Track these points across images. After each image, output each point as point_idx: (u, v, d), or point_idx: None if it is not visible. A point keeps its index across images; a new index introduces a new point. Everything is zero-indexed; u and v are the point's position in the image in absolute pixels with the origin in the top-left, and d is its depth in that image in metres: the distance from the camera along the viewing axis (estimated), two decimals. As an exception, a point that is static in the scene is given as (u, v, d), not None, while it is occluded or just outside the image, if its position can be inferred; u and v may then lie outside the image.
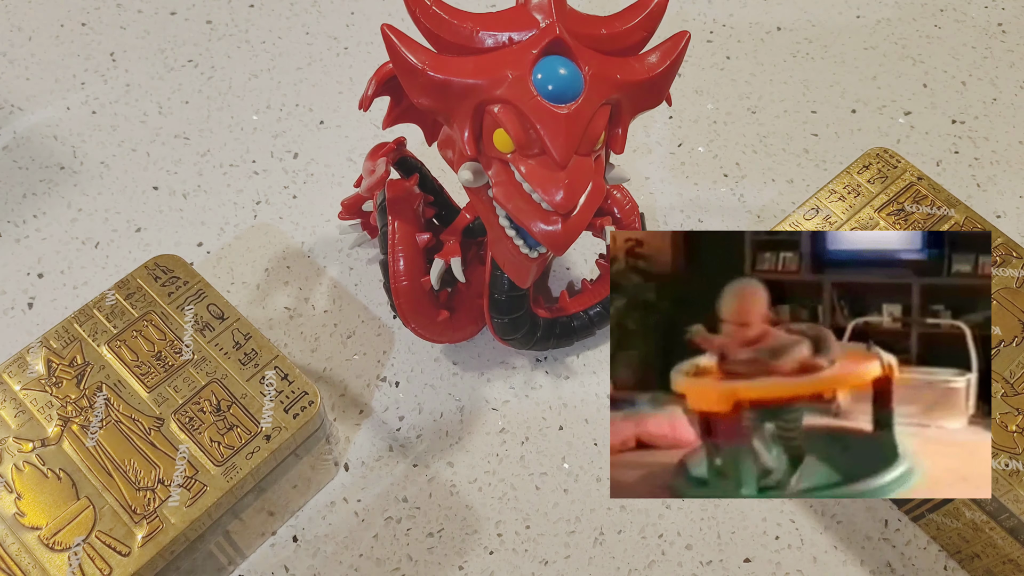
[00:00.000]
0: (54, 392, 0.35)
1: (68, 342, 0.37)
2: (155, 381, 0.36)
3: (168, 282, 0.38)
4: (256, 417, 0.35)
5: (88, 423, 0.35)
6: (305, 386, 0.36)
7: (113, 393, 0.35)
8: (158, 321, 0.37)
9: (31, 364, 0.36)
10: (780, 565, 0.43)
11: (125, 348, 0.37)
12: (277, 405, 0.35)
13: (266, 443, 0.34)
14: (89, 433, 0.34)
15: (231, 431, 0.35)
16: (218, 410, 0.35)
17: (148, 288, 0.38)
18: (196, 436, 0.34)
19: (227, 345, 0.37)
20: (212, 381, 0.36)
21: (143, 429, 0.35)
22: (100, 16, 0.68)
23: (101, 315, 0.37)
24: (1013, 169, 0.60)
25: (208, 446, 0.34)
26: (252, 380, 0.36)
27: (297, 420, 0.35)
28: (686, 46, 0.38)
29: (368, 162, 0.46)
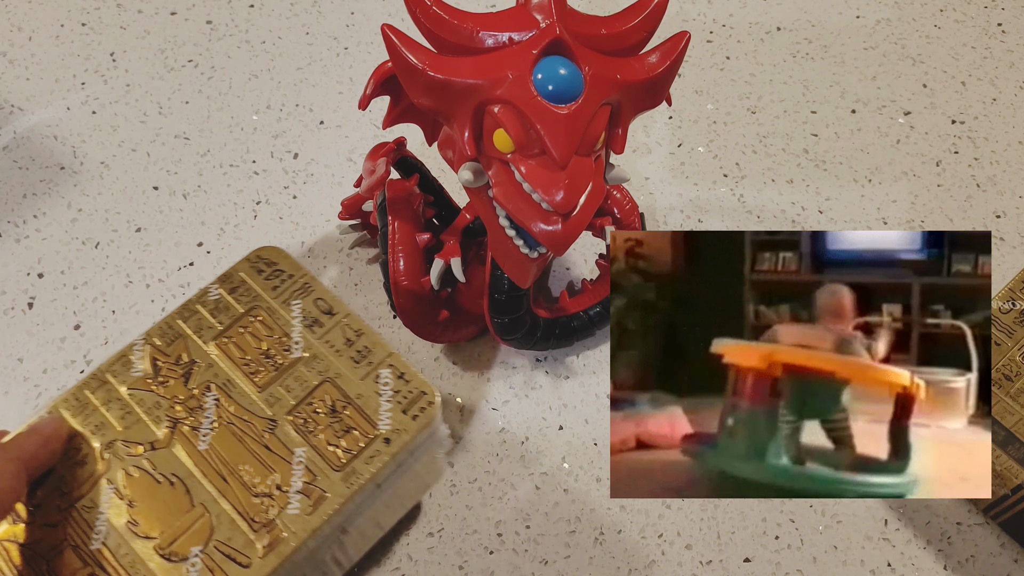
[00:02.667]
0: (161, 392, 0.33)
1: (172, 339, 0.35)
2: (265, 380, 0.34)
3: (272, 275, 0.36)
4: (373, 419, 0.33)
5: (199, 425, 0.33)
6: (422, 385, 0.34)
7: (223, 393, 0.33)
8: (265, 317, 0.35)
9: (135, 363, 0.34)
10: (780, 565, 0.43)
11: (232, 345, 0.34)
12: (395, 406, 0.33)
13: (386, 446, 0.32)
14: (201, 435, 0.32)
15: (348, 434, 0.32)
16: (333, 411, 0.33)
17: (252, 282, 0.36)
18: (312, 439, 0.32)
19: (338, 342, 0.35)
20: (325, 380, 0.34)
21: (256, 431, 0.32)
22: (100, 16, 0.68)
23: (205, 311, 0.35)
24: (1013, 169, 0.60)
25: (325, 450, 0.32)
26: (367, 379, 0.34)
27: (417, 422, 0.33)
28: (686, 46, 0.38)
29: (368, 162, 0.46)
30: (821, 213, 0.57)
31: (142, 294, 0.52)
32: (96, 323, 0.50)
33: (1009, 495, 0.41)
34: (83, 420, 0.33)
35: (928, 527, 0.44)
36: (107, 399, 0.33)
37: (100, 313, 0.51)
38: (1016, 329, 0.40)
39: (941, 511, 0.44)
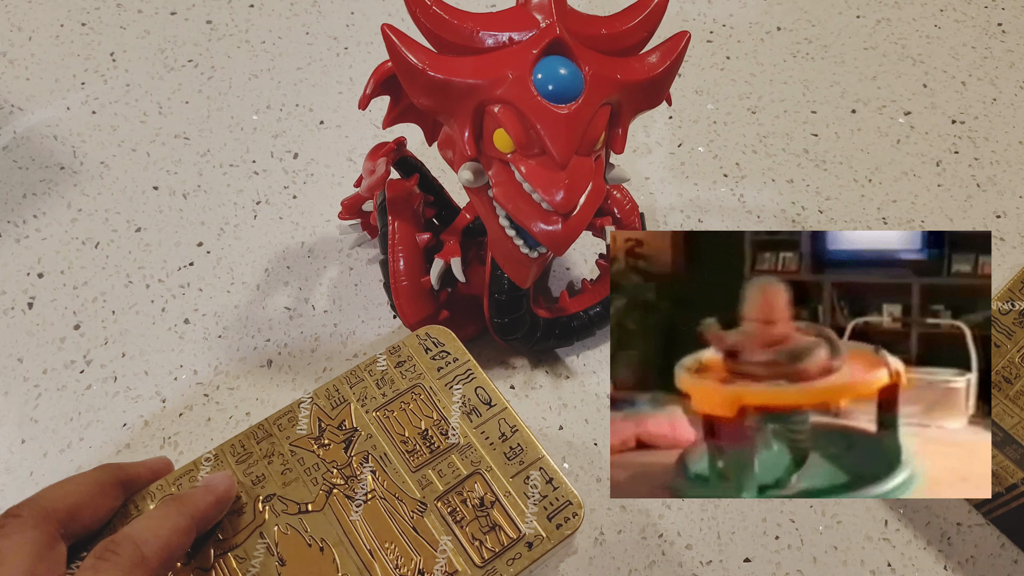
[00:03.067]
0: (321, 454, 0.33)
1: (337, 403, 0.35)
2: (419, 462, 0.33)
3: (438, 356, 0.36)
4: (518, 521, 0.33)
5: (353, 495, 0.32)
6: (569, 495, 0.33)
7: (379, 466, 0.33)
8: (426, 396, 0.35)
9: (300, 421, 0.34)
10: (780, 565, 0.43)
11: (393, 420, 0.34)
12: (540, 511, 0.33)
13: (527, 551, 0.32)
14: (354, 506, 0.32)
15: (492, 532, 0.32)
16: (481, 505, 0.33)
17: (418, 359, 0.36)
18: (458, 531, 0.32)
19: (493, 435, 0.34)
20: (476, 472, 0.33)
21: (406, 512, 0.32)
22: (100, 16, 0.68)
23: (371, 380, 0.35)
24: (1013, 169, 0.60)
25: (469, 544, 0.32)
26: (516, 478, 0.33)
27: (560, 531, 0.32)
28: (686, 46, 0.38)
29: (368, 162, 0.46)
30: (821, 213, 0.57)
31: (142, 294, 0.52)
32: (96, 323, 0.50)
33: (1004, 493, 0.41)
34: (245, 469, 0.33)
35: (928, 527, 0.44)
36: (270, 452, 0.34)
37: (100, 313, 0.51)
38: (1015, 331, 0.40)
39: (941, 511, 0.44)
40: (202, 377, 0.48)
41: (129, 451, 0.45)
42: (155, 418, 0.46)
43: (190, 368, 0.49)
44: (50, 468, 0.45)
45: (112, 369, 0.48)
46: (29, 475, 0.44)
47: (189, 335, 0.50)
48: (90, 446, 0.45)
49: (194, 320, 0.51)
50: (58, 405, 0.47)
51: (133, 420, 0.46)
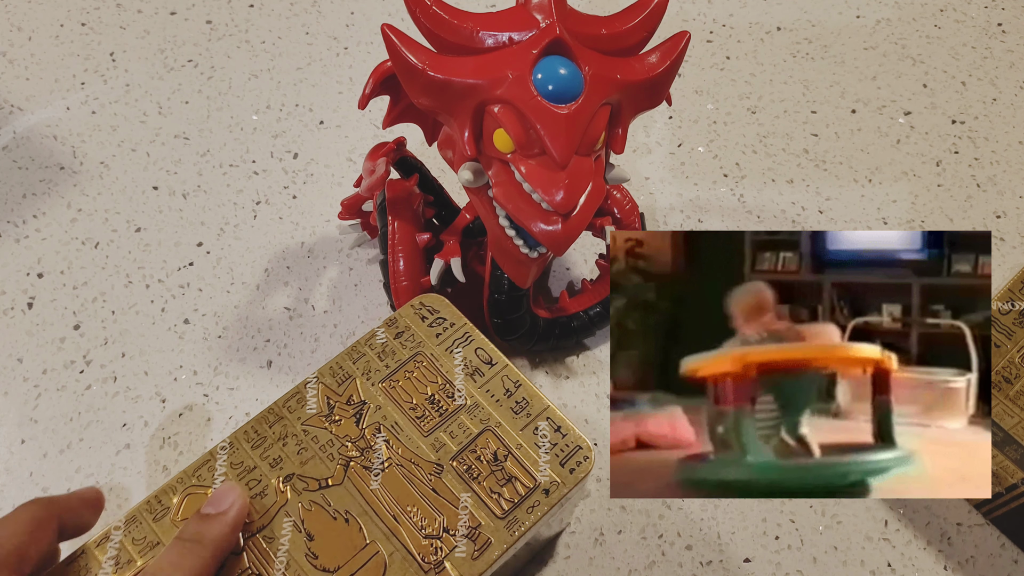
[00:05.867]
0: (334, 431, 0.34)
1: (343, 379, 0.36)
2: (430, 426, 0.35)
3: (435, 323, 0.37)
4: (532, 471, 0.34)
5: (370, 465, 0.33)
6: (579, 440, 0.35)
7: (392, 435, 0.34)
8: (428, 363, 0.36)
9: (309, 400, 0.35)
10: (780, 565, 0.42)
11: (399, 389, 0.35)
12: (553, 459, 0.34)
13: (545, 497, 0.33)
14: (372, 475, 0.33)
15: (509, 483, 0.33)
16: (495, 460, 0.34)
17: (416, 328, 0.37)
18: (475, 486, 0.33)
19: (498, 392, 0.36)
20: (486, 429, 0.35)
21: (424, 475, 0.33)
22: (100, 16, 0.68)
23: (373, 353, 0.36)
24: (1013, 169, 0.60)
25: (488, 498, 0.33)
26: (526, 431, 0.35)
27: (574, 475, 0.34)
28: (686, 46, 0.38)
29: (368, 162, 0.46)
30: (821, 213, 0.57)
31: (142, 294, 0.52)
32: (96, 323, 0.50)
33: (1004, 493, 0.41)
34: (262, 453, 0.34)
35: (928, 528, 0.44)
36: (283, 434, 0.34)
37: (100, 313, 0.51)
38: (1015, 331, 0.40)
39: (941, 511, 0.44)
40: (202, 377, 0.48)
41: (129, 451, 0.45)
42: (155, 418, 0.46)
43: (190, 368, 0.48)
44: (50, 468, 0.45)
45: (112, 369, 0.48)
46: (29, 475, 0.44)
47: (189, 335, 0.50)
48: (90, 446, 0.45)
49: (194, 320, 0.51)
50: (58, 405, 0.47)
51: (133, 420, 0.46)
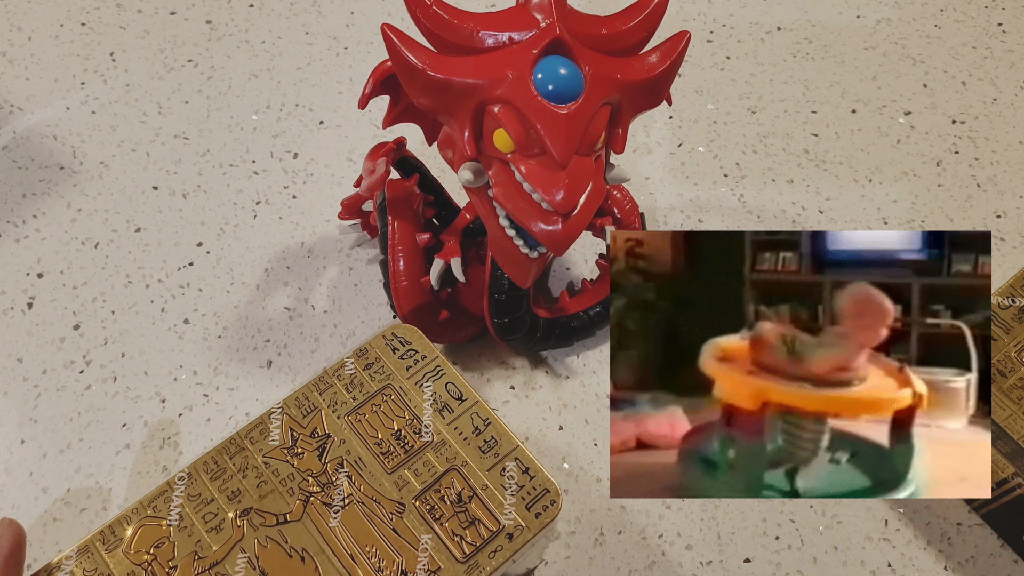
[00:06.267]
0: (296, 464, 0.34)
1: (308, 411, 0.35)
2: (395, 463, 0.34)
3: (406, 355, 0.37)
4: (497, 514, 0.33)
5: (331, 501, 0.33)
6: (546, 483, 0.34)
7: (355, 471, 0.34)
8: (396, 397, 0.36)
9: (272, 431, 0.35)
10: (780, 565, 0.42)
11: (365, 423, 0.35)
12: (519, 501, 0.33)
13: (508, 542, 0.32)
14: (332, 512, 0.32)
15: (472, 526, 0.33)
16: (459, 501, 0.33)
17: (386, 360, 0.36)
18: (437, 528, 0.32)
19: (467, 430, 0.35)
20: (452, 468, 0.34)
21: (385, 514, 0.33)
22: (100, 16, 0.68)
23: (340, 385, 0.36)
24: (1013, 169, 0.60)
25: (450, 540, 0.32)
26: (492, 471, 0.34)
27: (539, 520, 0.33)
28: (686, 46, 0.38)
29: (368, 162, 0.46)
30: (821, 213, 0.57)
31: (142, 294, 0.52)
32: (95, 323, 0.50)
33: (994, 488, 0.41)
34: (220, 486, 0.33)
35: (928, 528, 0.44)
36: (244, 466, 0.34)
37: (100, 313, 0.51)
38: (1014, 325, 0.41)
39: (941, 512, 0.44)
40: (202, 377, 0.48)
41: (129, 451, 0.45)
42: (154, 418, 0.46)
43: (190, 368, 0.48)
44: (49, 468, 0.45)
45: (112, 369, 0.48)
46: (29, 475, 0.44)
47: (189, 335, 0.50)
48: (90, 446, 0.45)
49: (194, 320, 0.51)
50: (58, 405, 0.47)
51: (133, 420, 0.46)
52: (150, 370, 0.48)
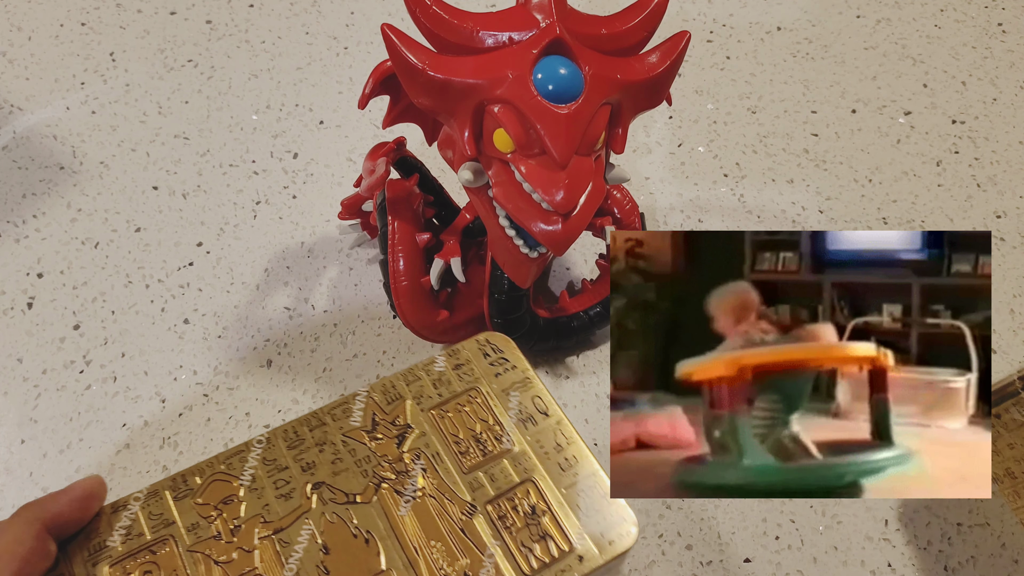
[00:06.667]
0: (373, 447, 0.33)
1: (393, 399, 0.35)
2: (471, 464, 0.33)
3: (497, 362, 0.36)
4: (569, 533, 0.32)
5: (403, 490, 0.32)
6: (624, 514, 0.33)
7: (431, 465, 0.33)
8: (482, 400, 0.35)
9: (355, 413, 0.34)
10: (780, 565, 0.42)
11: (448, 420, 0.34)
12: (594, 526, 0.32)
13: (579, 564, 0.31)
14: (402, 501, 0.32)
15: (543, 541, 0.31)
16: (532, 514, 0.32)
17: (476, 363, 0.36)
18: (506, 537, 0.31)
19: (548, 444, 0.34)
20: (528, 480, 0.33)
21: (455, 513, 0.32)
22: (100, 16, 0.68)
23: (428, 380, 0.35)
24: (1013, 169, 0.60)
25: (517, 552, 0.31)
26: (569, 490, 0.33)
27: (612, 548, 0.32)
28: (686, 46, 0.38)
29: (368, 162, 0.46)
30: (821, 213, 0.57)
31: (142, 294, 0.52)
32: (96, 323, 0.50)
33: None
34: (296, 455, 0.33)
35: (928, 528, 0.44)
36: (322, 440, 0.33)
37: (100, 313, 0.51)
38: None
39: (941, 512, 0.44)
40: (202, 377, 0.48)
41: (129, 451, 0.45)
42: (154, 418, 0.46)
43: (190, 368, 0.48)
44: (50, 468, 0.45)
45: (112, 369, 0.48)
46: (29, 475, 0.44)
47: (189, 335, 0.50)
48: (90, 446, 0.45)
49: (194, 320, 0.51)
50: (58, 405, 0.47)
51: (133, 420, 0.46)
52: (150, 370, 0.48)
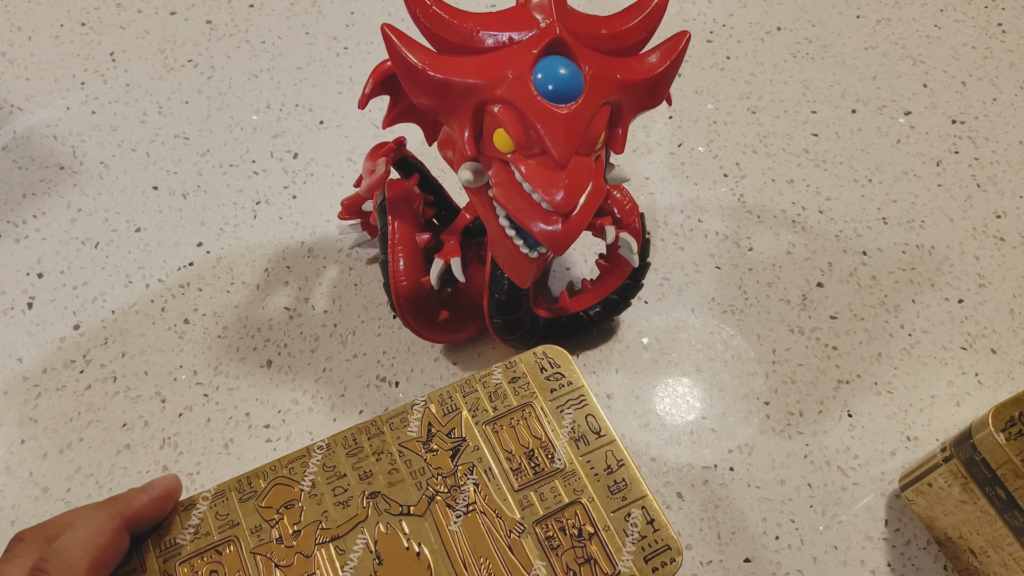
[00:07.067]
0: (428, 459, 0.33)
1: (449, 410, 0.35)
2: (523, 482, 0.33)
3: (552, 377, 0.36)
4: (614, 558, 0.32)
5: (455, 504, 0.32)
6: (670, 540, 0.33)
7: (483, 480, 0.33)
8: (536, 417, 0.35)
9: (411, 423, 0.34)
10: (780, 565, 0.42)
11: (501, 435, 0.34)
12: (638, 552, 0.32)
13: None
14: (454, 516, 0.32)
15: (587, 564, 0.32)
16: (579, 536, 0.32)
17: (532, 378, 0.36)
18: (553, 558, 0.32)
19: (599, 466, 0.34)
20: (577, 501, 0.33)
21: (504, 530, 0.32)
22: (100, 16, 0.68)
23: (484, 392, 0.35)
24: (1013, 169, 0.60)
25: (563, 573, 0.31)
26: (617, 514, 0.33)
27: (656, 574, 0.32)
28: (686, 46, 0.38)
29: (368, 162, 0.46)
30: (821, 213, 0.57)
31: (142, 294, 0.52)
32: (96, 323, 0.50)
33: None
34: (355, 463, 0.33)
35: (928, 528, 0.44)
36: (380, 449, 0.34)
37: (100, 313, 0.51)
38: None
39: (941, 511, 0.44)
40: (202, 377, 0.48)
41: (129, 451, 0.45)
42: (155, 418, 0.46)
43: (190, 368, 0.48)
44: (50, 468, 0.45)
45: (112, 369, 0.48)
46: (29, 475, 0.44)
47: (189, 335, 0.50)
48: (90, 446, 0.45)
49: (194, 320, 0.51)
50: (58, 405, 0.47)
51: (133, 420, 0.46)
52: (150, 370, 0.48)
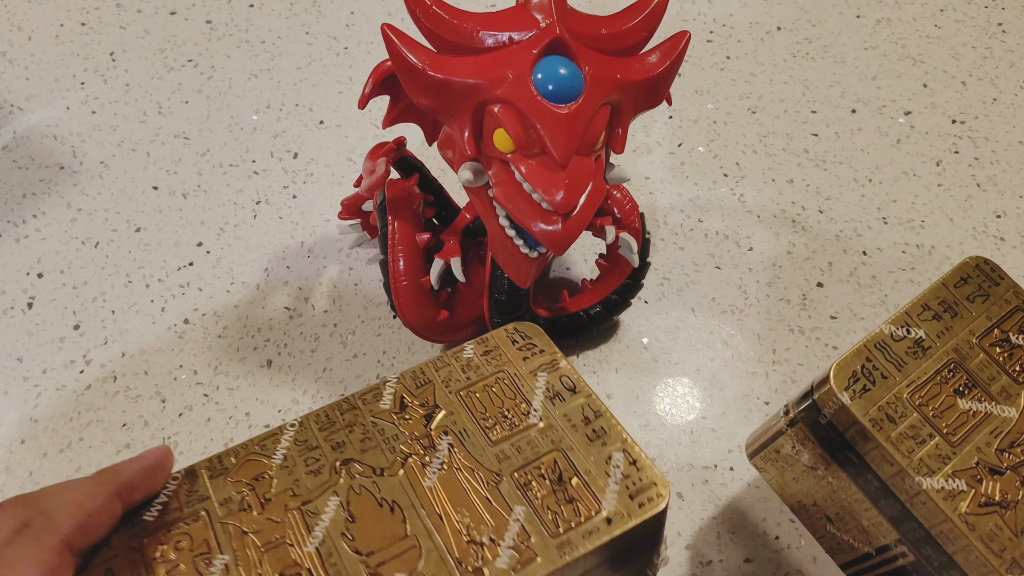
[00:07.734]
0: (401, 426, 0.35)
1: (422, 383, 0.36)
2: (499, 437, 0.34)
3: (525, 347, 0.37)
4: (599, 496, 0.32)
5: (428, 463, 0.33)
6: (655, 477, 0.33)
7: (457, 440, 0.34)
8: (509, 381, 0.36)
9: (384, 397, 0.36)
10: (780, 565, 0.42)
11: (475, 399, 0.35)
12: (622, 490, 0.33)
13: (607, 526, 0.32)
14: (428, 473, 0.33)
15: (570, 504, 0.32)
16: (559, 480, 0.33)
17: (505, 349, 0.37)
18: (533, 501, 0.32)
19: (576, 418, 0.35)
20: (555, 450, 0.34)
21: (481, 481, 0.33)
22: (100, 16, 0.68)
23: (457, 365, 0.37)
24: (1013, 169, 0.60)
25: (543, 513, 0.32)
26: (598, 459, 0.34)
27: (643, 510, 0.32)
28: (686, 46, 0.38)
29: (368, 162, 0.46)
30: (821, 213, 0.57)
31: (142, 294, 0.52)
32: (96, 323, 0.50)
33: (873, 555, 0.36)
34: (327, 436, 0.34)
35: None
36: (352, 423, 0.35)
37: (100, 313, 0.51)
38: (908, 361, 0.35)
39: (941, 511, 0.44)
40: (202, 377, 0.48)
41: (129, 451, 0.45)
42: (155, 418, 0.46)
43: (190, 368, 0.48)
44: (50, 468, 0.45)
45: (112, 369, 0.48)
46: (29, 475, 0.44)
47: (189, 335, 0.50)
48: (90, 446, 0.45)
49: (194, 320, 0.51)
50: (58, 405, 0.47)
51: (133, 420, 0.46)
52: (150, 370, 0.48)
